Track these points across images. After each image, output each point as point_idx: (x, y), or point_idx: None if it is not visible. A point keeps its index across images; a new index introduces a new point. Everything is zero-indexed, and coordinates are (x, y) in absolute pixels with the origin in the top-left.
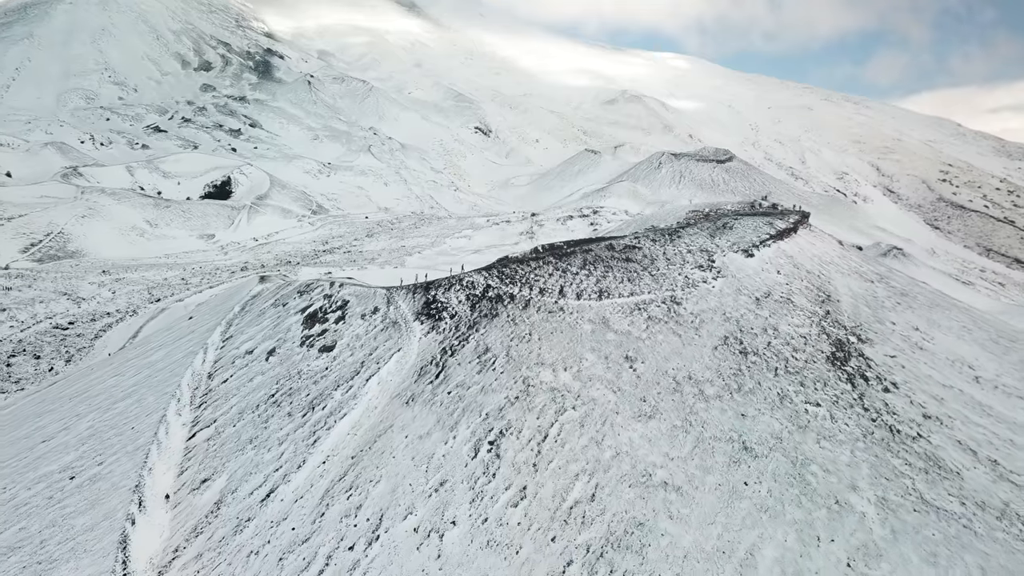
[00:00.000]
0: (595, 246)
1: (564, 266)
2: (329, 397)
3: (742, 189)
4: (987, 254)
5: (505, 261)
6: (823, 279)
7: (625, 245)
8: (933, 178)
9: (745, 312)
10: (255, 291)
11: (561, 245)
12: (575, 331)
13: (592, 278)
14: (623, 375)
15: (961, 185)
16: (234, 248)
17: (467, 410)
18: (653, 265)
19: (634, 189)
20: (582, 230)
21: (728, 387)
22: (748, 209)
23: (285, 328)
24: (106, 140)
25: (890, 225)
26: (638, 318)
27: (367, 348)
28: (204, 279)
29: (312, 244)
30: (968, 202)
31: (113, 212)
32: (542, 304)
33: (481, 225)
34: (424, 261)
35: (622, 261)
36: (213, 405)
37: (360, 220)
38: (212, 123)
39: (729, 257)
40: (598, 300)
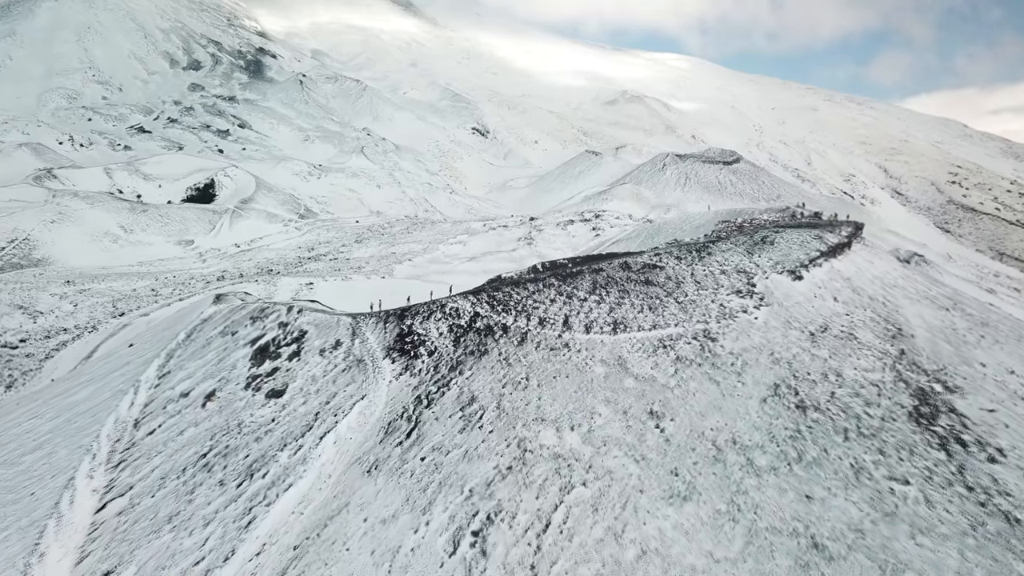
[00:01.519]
0: (606, 264)
1: (569, 290)
2: (273, 460)
3: (750, 192)
4: (1000, 258)
5: (498, 283)
6: (890, 307)
7: (644, 264)
8: (942, 180)
9: (798, 352)
10: (206, 314)
11: (565, 263)
12: (584, 376)
13: (604, 306)
14: (647, 438)
15: (971, 187)
16: (213, 255)
17: (445, 484)
18: (679, 289)
19: (638, 192)
20: (584, 235)
21: (785, 456)
22: (788, 219)
23: (230, 364)
24: (86, 141)
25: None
26: (664, 359)
27: (324, 394)
28: (176, 290)
29: (297, 251)
30: (979, 204)
31: (85, 217)
32: (542, 339)
33: (477, 230)
34: (414, 270)
35: (641, 284)
36: (133, 465)
37: (350, 224)
38: (199, 123)
39: (773, 280)
40: (612, 334)
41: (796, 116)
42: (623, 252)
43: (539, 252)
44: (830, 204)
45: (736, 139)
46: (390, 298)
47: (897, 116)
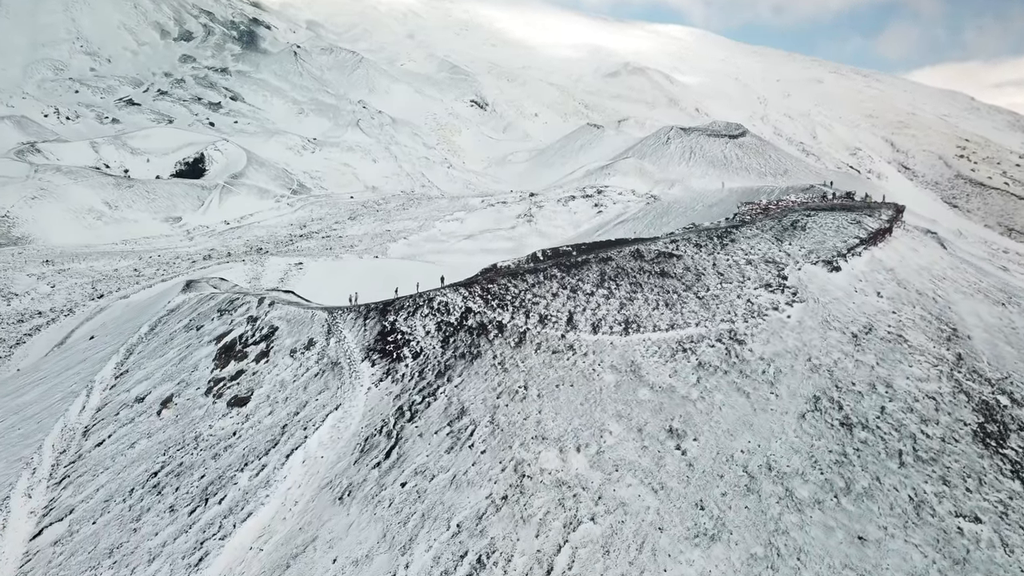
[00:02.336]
0: (616, 253)
1: (574, 282)
2: (231, 483)
3: (757, 167)
4: (1009, 234)
5: (493, 273)
6: (941, 304)
7: (659, 252)
8: (950, 154)
9: (840, 357)
10: (173, 304)
11: (568, 250)
12: (592, 384)
13: (614, 301)
14: (667, 461)
15: (980, 161)
16: (201, 233)
17: (429, 517)
18: (700, 283)
19: (641, 166)
20: (585, 212)
21: (830, 485)
22: (819, 200)
23: (192, 364)
24: (73, 114)
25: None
26: (684, 365)
27: (293, 403)
28: (160, 270)
29: (288, 228)
30: (987, 179)
31: (69, 193)
32: (543, 340)
33: (475, 206)
34: (409, 249)
35: (656, 276)
36: (77, 483)
37: (344, 200)
38: (190, 96)
39: (807, 272)
40: (624, 335)
41: (801, 89)
42: (633, 238)
43: (539, 229)
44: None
45: (740, 112)
46: (382, 280)
47: (904, 89)
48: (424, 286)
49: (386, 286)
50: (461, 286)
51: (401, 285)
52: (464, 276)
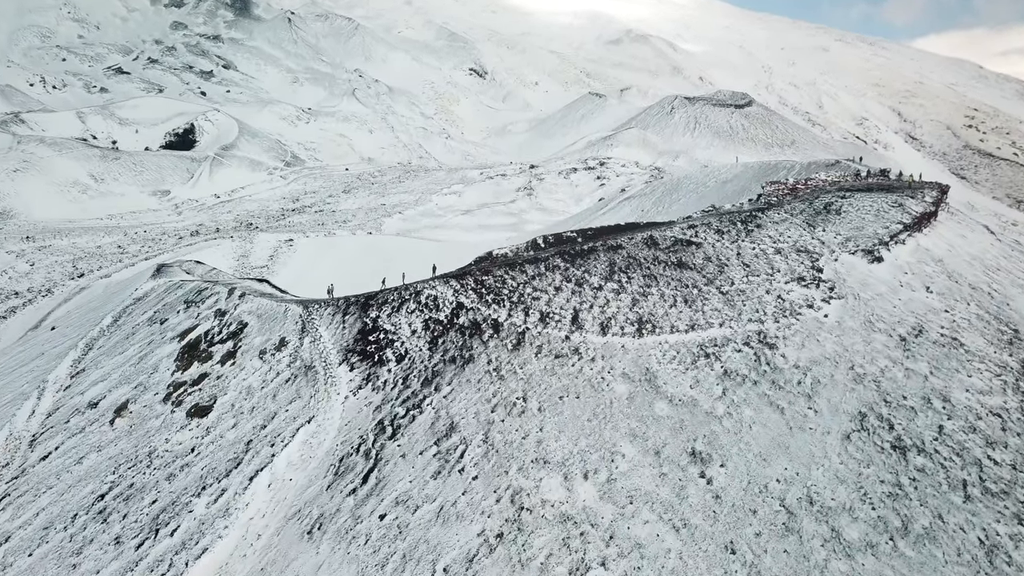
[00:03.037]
0: (626, 240)
1: (580, 274)
2: (186, 510)
3: (763, 137)
4: (1018, 206)
5: (488, 263)
6: (998, 300)
7: (675, 239)
8: (958, 124)
9: (887, 365)
10: (140, 292)
11: (573, 236)
12: (601, 396)
13: (625, 297)
14: (689, 492)
15: (988, 131)
16: (190, 207)
17: (411, 558)
18: (723, 275)
19: (644, 137)
20: (588, 185)
21: (884, 524)
22: (853, 179)
23: (152, 365)
24: (59, 83)
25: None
26: (707, 374)
27: (260, 414)
28: (145, 247)
29: (281, 202)
30: (996, 150)
31: (53, 165)
32: (545, 342)
33: (473, 179)
34: (405, 224)
35: (672, 267)
36: (17, 504)
37: (339, 172)
38: (181, 64)
39: (844, 262)
40: (637, 337)
41: (806, 57)
42: (646, 223)
43: (540, 203)
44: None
45: (745, 81)
46: (375, 258)
47: (910, 57)
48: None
49: (379, 265)
50: (452, 277)
51: (395, 263)
52: (461, 255)
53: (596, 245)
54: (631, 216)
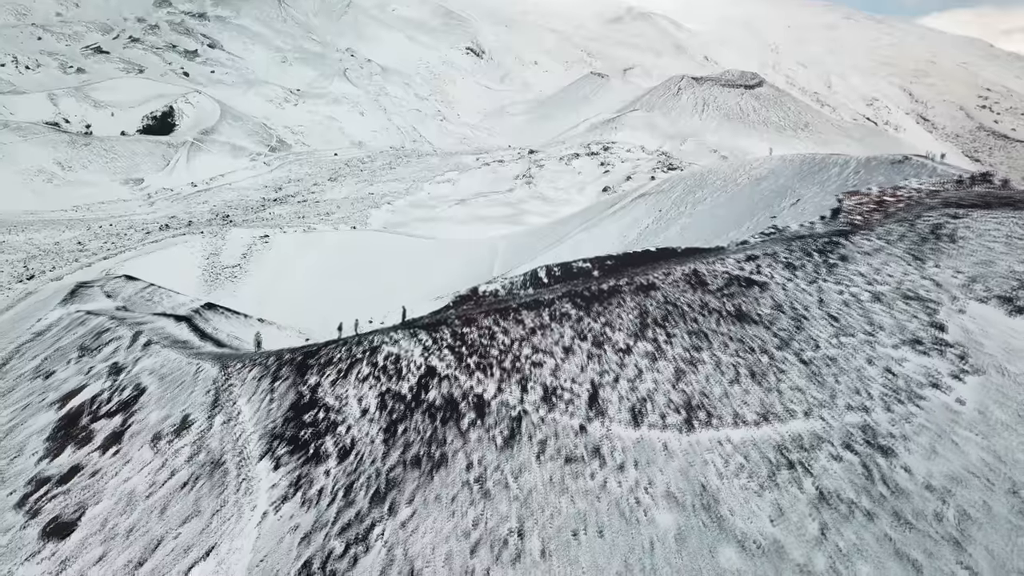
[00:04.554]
0: (660, 276)
1: (599, 327)
2: None
3: (776, 120)
4: None
5: (471, 305)
6: None
7: (729, 277)
8: (971, 104)
9: None
10: (41, 325)
11: (586, 267)
12: (635, 534)
13: (666, 364)
14: None
15: (1003, 112)
16: (164, 197)
17: None
18: (802, 333)
19: (650, 120)
20: (591, 172)
21: None
22: (953, 187)
23: (18, 444)
24: (33, 63)
25: None
26: (794, 498)
27: (140, 542)
28: (107, 243)
29: (262, 191)
30: (1011, 131)
31: (17, 152)
32: (550, 434)
33: (469, 166)
34: (393, 217)
35: (729, 320)
36: None
37: (327, 158)
38: (164, 43)
39: (975, 314)
40: (685, 431)
41: (814, 35)
42: (684, 249)
43: (540, 193)
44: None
45: (751, 61)
46: (357, 258)
47: (920, 35)
48: (405, 266)
49: (362, 265)
50: (423, 329)
51: (379, 263)
52: (453, 253)
53: (619, 284)
54: (645, 218)
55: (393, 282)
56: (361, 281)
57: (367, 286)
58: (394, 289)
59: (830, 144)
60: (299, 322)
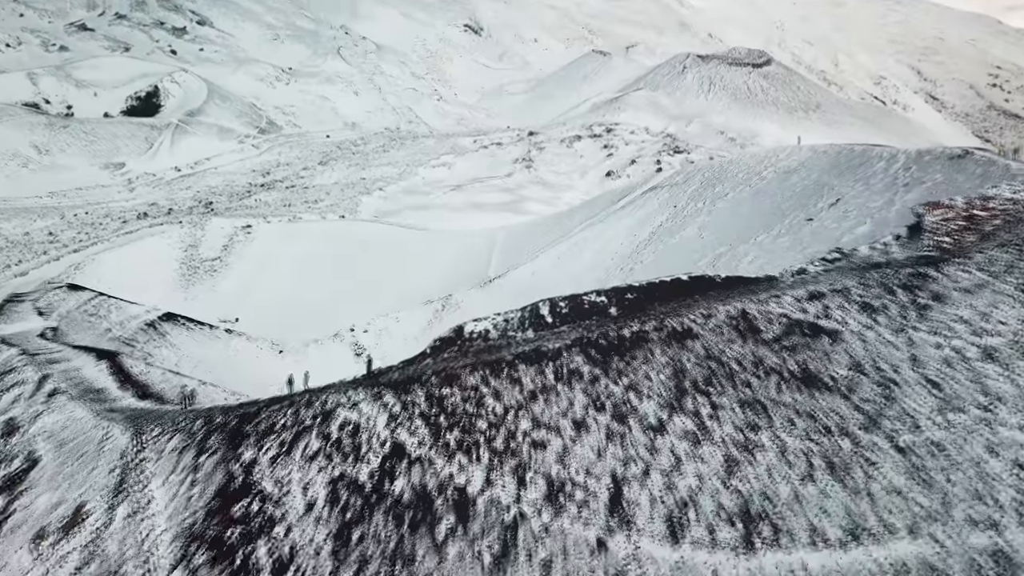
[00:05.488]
0: (699, 319)
1: (620, 392)
2: None
3: (785, 100)
4: None
5: (454, 353)
6: None
7: (789, 321)
8: (981, 83)
9: None
10: None
11: (600, 302)
12: None
13: (713, 451)
14: None
15: (1014, 91)
16: (145, 182)
17: None
18: (893, 406)
19: (654, 99)
20: (593, 155)
21: None
22: None
23: None
24: (14, 40)
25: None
26: None
27: None
28: (81, 233)
29: (249, 175)
30: (1022, 110)
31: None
32: (557, 550)
33: (466, 148)
34: (385, 204)
35: (794, 384)
36: None
37: (319, 140)
38: (152, 20)
39: None
40: (743, 551)
41: (820, 12)
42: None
43: (540, 177)
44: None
45: (756, 38)
46: (344, 250)
47: (927, 11)
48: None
49: (347, 261)
50: (390, 390)
51: (368, 257)
52: (448, 246)
53: (645, 329)
54: (659, 214)
55: (381, 279)
56: (347, 277)
57: (353, 283)
58: (382, 287)
59: (841, 125)
60: (279, 323)
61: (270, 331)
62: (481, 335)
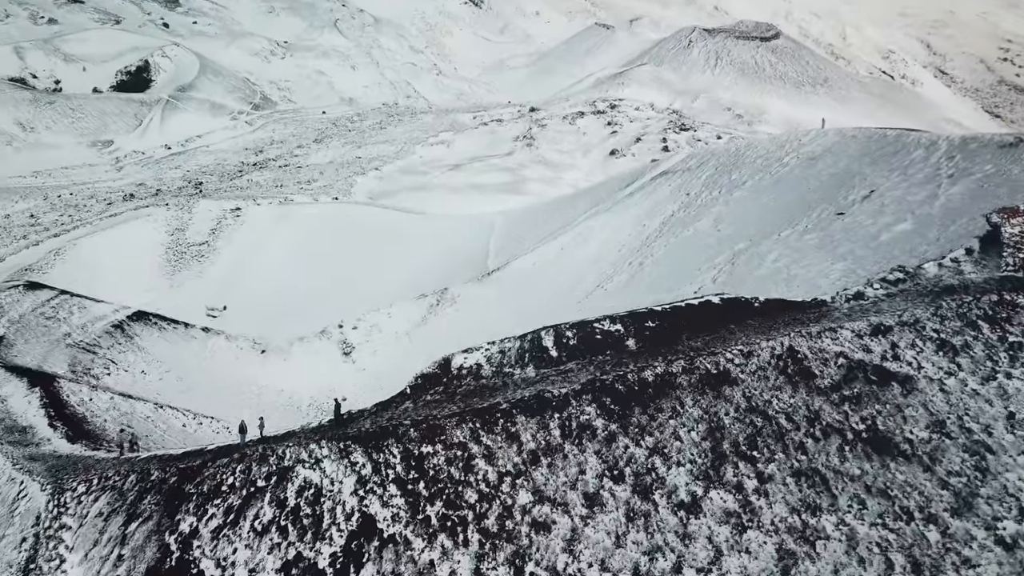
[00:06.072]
0: (737, 357)
1: (643, 455)
2: None
3: (793, 75)
4: None
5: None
6: None
7: (848, 364)
8: (992, 56)
9: None
10: None
11: (616, 332)
12: None
13: (760, 541)
14: None
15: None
16: (134, 161)
17: None
18: (987, 480)
19: (659, 74)
20: (597, 132)
21: None
22: None
23: None
24: (1, 13)
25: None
26: None
27: None
28: (64, 215)
29: (242, 153)
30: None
31: None
32: None
33: (465, 125)
34: (380, 184)
35: (858, 448)
36: None
37: (314, 116)
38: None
39: None
40: None
41: None
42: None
43: (542, 156)
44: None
45: (762, 11)
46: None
47: None
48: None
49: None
50: (359, 445)
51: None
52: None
53: (671, 370)
54: (670, 203)
55: (374, 266)
56: (339, 264)
57: (345, 270)
58: (374, 275)
59: (850, 101)
60: (267, 313)
61: (257, 321)
62: (471, 371)
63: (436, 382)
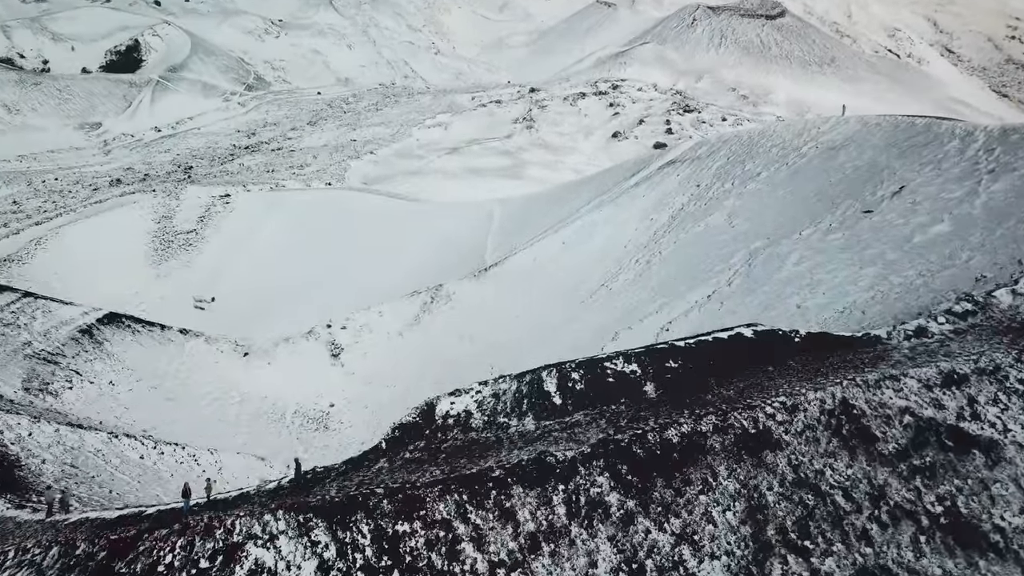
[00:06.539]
0: (779, 412)
1: (668, 544)
2: None
3: (800, 54)
4: None
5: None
6: None
7: (917, 423)
8: (1000, 35)
9: None
10: None
11: (631, 371)
12: None
13: None
14: None
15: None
16: (122, 144)
17: None
18: None
19: (662, 54)
20: (599, 114)
21: None
22: None
23: None
24: None
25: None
26: None
27: None
28: (49, 202)
29: (234, 136)
30: None
31: None
32: None
33: (463, 106)
34: (375, 168)
35: (936, 537)
36: None
37: (309, 97)
38: None
39: None
40: None
41: None
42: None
43: (542, 139)
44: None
45: None
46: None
47: None
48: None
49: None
50: (322, 519)
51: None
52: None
53: (701, 429)
54: (679, 195)
55: (366, 258)
56: (331, 254)
57: (336, 262)
58: (367, 268)
59: (858, 81)
60: (254, 307)
61: (243, 315)
62: (459, 421)
63: (417, 434)
